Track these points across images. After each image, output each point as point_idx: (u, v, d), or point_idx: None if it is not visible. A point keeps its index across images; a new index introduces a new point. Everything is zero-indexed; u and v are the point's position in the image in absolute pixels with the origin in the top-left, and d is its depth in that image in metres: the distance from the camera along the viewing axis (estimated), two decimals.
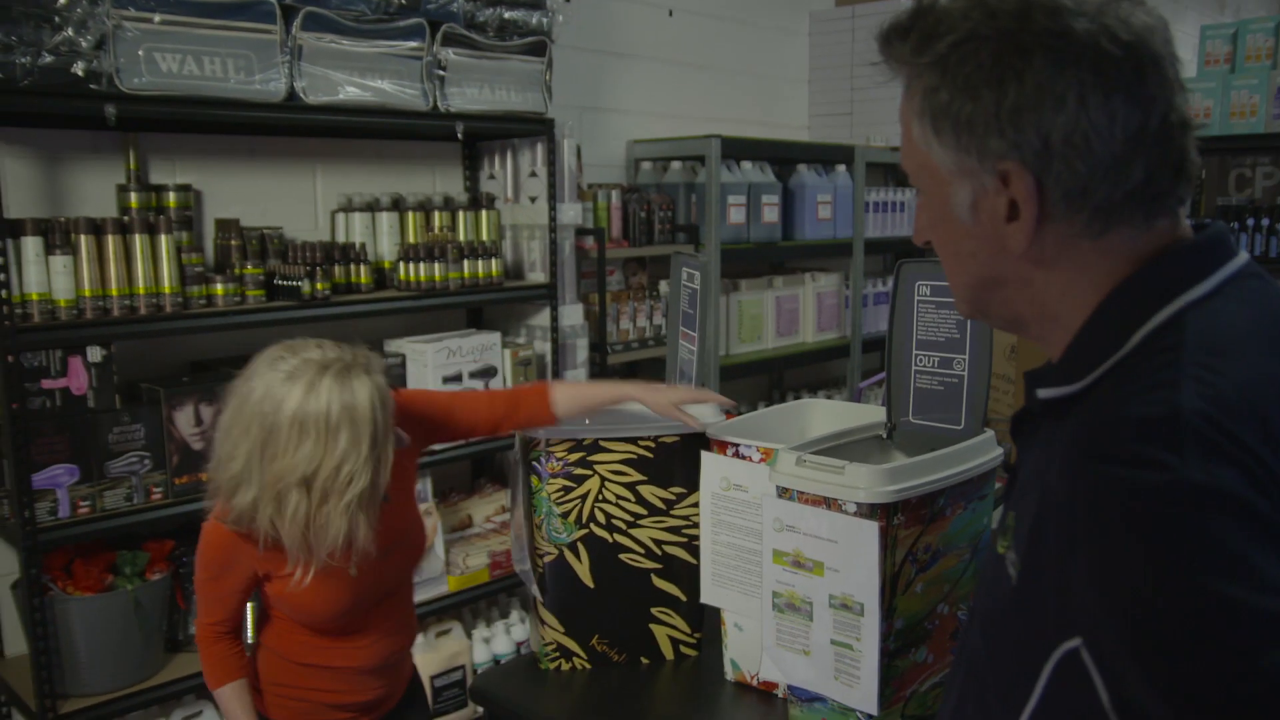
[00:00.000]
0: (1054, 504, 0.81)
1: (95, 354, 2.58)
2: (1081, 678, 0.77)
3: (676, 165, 4.28)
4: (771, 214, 4.46)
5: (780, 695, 2.05)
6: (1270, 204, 4.55)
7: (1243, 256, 0.87)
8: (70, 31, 2.41)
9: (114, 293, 2.57)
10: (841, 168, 4.82)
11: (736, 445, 2.00)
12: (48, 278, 2.49)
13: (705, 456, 2.03)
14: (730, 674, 2.11)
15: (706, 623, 2.23)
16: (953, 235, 0.94)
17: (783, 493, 1.72)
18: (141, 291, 2.61)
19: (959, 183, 0.89)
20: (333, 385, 1.70)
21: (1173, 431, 0.74)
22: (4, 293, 2.39)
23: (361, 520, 1.74)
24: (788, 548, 1.72)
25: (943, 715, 1.03)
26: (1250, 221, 4.42)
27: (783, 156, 4.64)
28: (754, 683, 2.09)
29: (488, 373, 3.38)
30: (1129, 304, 0.86)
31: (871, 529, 1.62)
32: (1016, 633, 0.86)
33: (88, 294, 2.54)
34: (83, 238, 2.53)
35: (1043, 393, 0.90)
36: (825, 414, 2.22)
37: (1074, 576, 0.77)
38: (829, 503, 1.66)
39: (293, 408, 1.68)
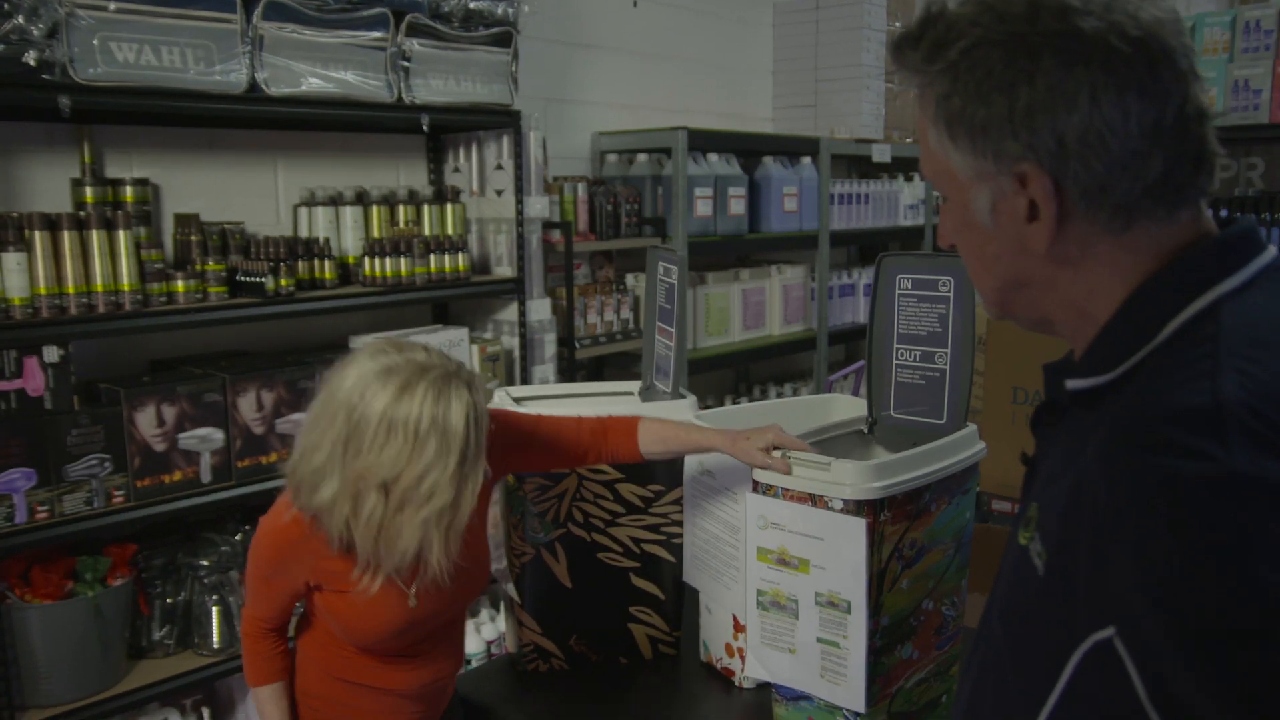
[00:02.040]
0: (1088, 493, 0.79)
1: (52, 354, 2.50)
2: (1113, 669, 0.75)
3: (642, 158, 4.25)
4: (738, 206, 4.43)
5: (737, 684, 2.04)
6: (1229, 196, 4.59)
7: (1272, 250, 0.87)
8: (21, 19, 2.33)
9: (71, 290, 2.50)
10: (807, 160, 4.81)
11: None
12: (0, 276, 2.41)
13: None
14: (702, 654, 2.13)
15: (685, 620, 2.21)
16: (976, 239, 0.94)
17: (766, 489, 1.70)
18: (99, 289, 2.54)
19: (978, 187, 0.90)
20: (429, 390, 1.59)
21: (1217, 422, 0.73)
22: None
23: (436, 539, 1.63)
24: (772, 545, 1.70)
25: (956, 711, 1.01)
26: (1208, 213, 4.46)
27: (749, 149, 4.62)
28: (718, 666, 2.09)
29: None
30: (1160, 296, 0.85)
31: (859, 525, 1.60)
32: (1042, 623, 0.84)
33: (43, 292, 2.46)
34: (37, 234, 2.45)
35: (1072, 384, 0.90)
36: (847, 407, 2.18)
37: (1110, 566, 0.76)
38: (815, 499, 1.64)
39: (383, 405, 1.58)
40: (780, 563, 1.70)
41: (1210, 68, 4.33)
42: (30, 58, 2.35)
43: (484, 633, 3.59)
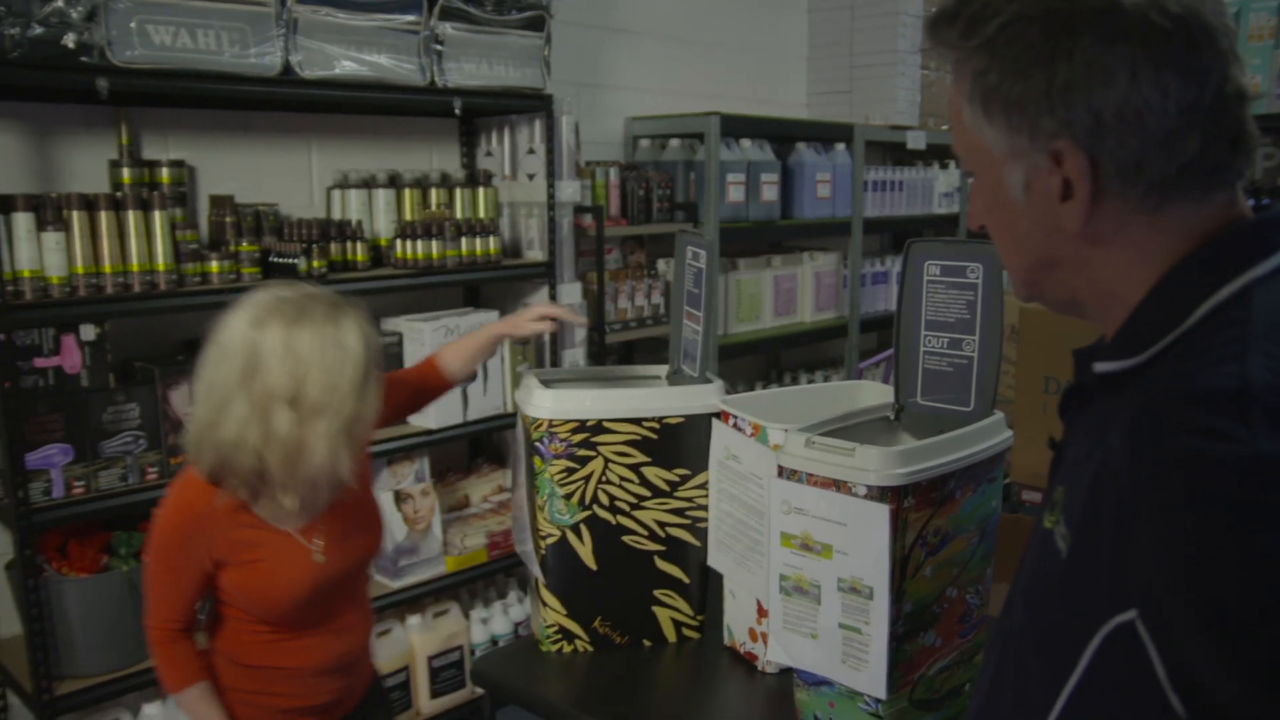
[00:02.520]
0: (1113, 475, 0.79)
1: (89, 332, 2.54)
2: (1134, 651, 0.75)
3: (675, 143, 4.24)
4: (770, 192, 4.42)
5: (760, 668, 2.05)
6: (1271, 185, 4.52)
7: None
8: (60, 3, 2.36)
9: (107, 270, 2.54)
10: (841, 146, 4.78)
11: (735, 417, 1.98)
12: (39, 255, 2.45)
13: (715, 424, 2.05)
14: (725, 638, 2.14)
15: (710, 603, 2.22)
16: (1007, 218, 0.93)
17: (791, 474, 1.70)
18: (135, 269, 2.57)
19: (1011, 164, 0.89)
20: (323, 314, 1.70)
21: (1242, 404, 0.73)
22: None
23: (344, 453, 1.70)
24: (796, 530, 1.70)
25: (977, 695, 1.01)
26: (1251, 203, 4.39)
27: (782, 134, 4.60)
28: (741, 651, 2.09)
29: None
30: (1192, 279, 0.85)
31: (882, 512, 1.59)
32: (1064, 606, 0.84)
33: (80, 271, 2.50)
34: (75, 214, 2.49)
35: (1100, 366, 0.89)
36: (875, 395, 2.18)
37: (1132, 548, 0.76)
38: (838, 485, 1.64)
39: (281, 330, 1.66)
40: (803, 548, 1.70)
41: (1255, 54, 4.26)
42: (69, 40, 2.38)
43: (512, 614, 3.62)
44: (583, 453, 2.06)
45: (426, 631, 3.39)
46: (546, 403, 2.06)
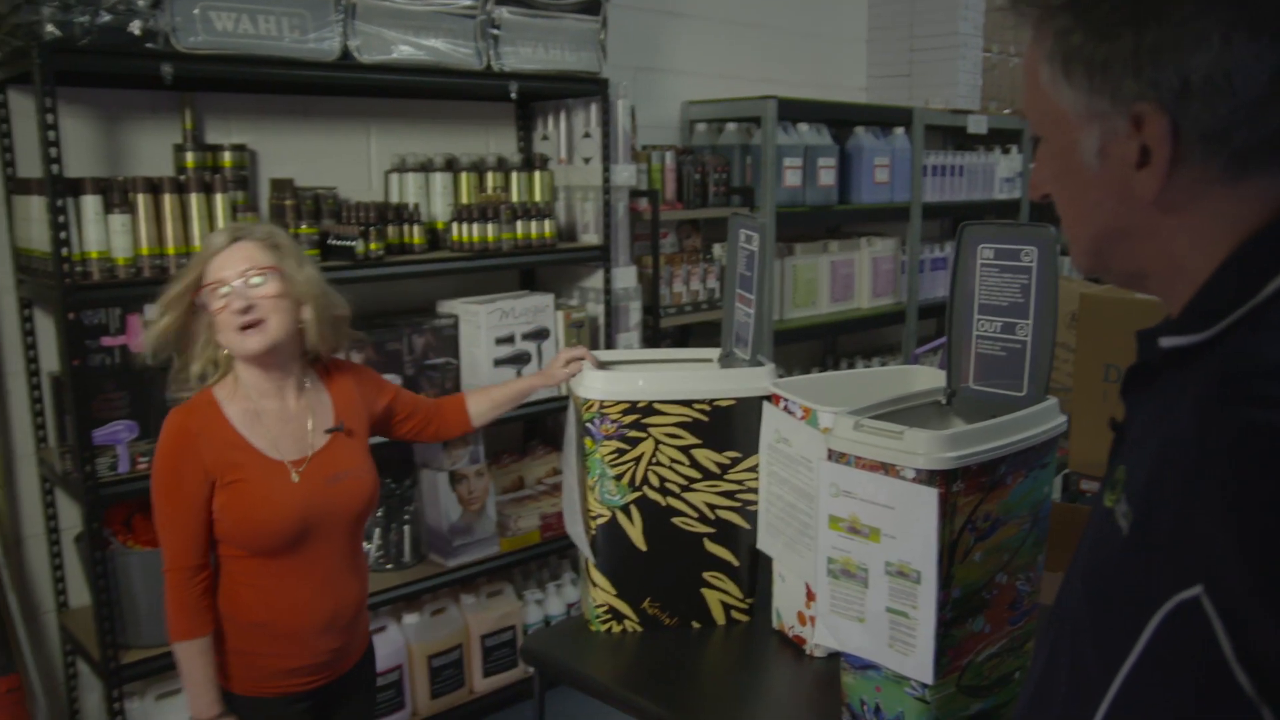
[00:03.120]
0: (1180, 449, 0.78)
1: (153, 312, 2.60)
2: (1198, 628, 0.74)
3: (731, 127, 4.23)
4: (828, 177, 4.39)
5: (808, 652, 2.05)
6: None
7: None
8: None
9: (171, 251, 2.59)
10: (900, 130, 4.73)
11: (786, 400, 1.98)
12: (106, 236, 2.51)
13: (765, 407, 2.04)
14: (774, 621, 2.15)
15: (759, 587, 2.22)
16: (1077, 185, 0.91)
17: (840, 457, 1.69)
18: (199, 250, 2.62)
19: (1088, 128, 0.87)
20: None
21: None
22: (64, 251, 2.41)
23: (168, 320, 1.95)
24: (844, 513, 1.69)
25: (1029, 680, 1.00)
26: None
27: (840, 118, 4.57)
28: (789, 634, 2.09)
29: (540, 335, 3.37)
30: (1265, 252, 0.82)
31: (930, 495, 1.58)
32: (1124, 584, 0.83)
33: (145, 252, 2.56)
34: (140, 197, 2.55)
35: (1166, 341, 0.87)
36: (928, 379, 2.16)
37: (1198, 522, 0.74)
38: (887, 468, 1.63)
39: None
40: (851, 531, 1.69)
41: None
42: (135, 27, 2.44)
43: (565, 595, 3.65)
44: (633, 434, 2.07)
45: (480, 611, 3.43)
46: (598, 384, 2.08)
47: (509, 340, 3.28)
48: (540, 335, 3.37)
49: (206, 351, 1.96)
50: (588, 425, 2.08)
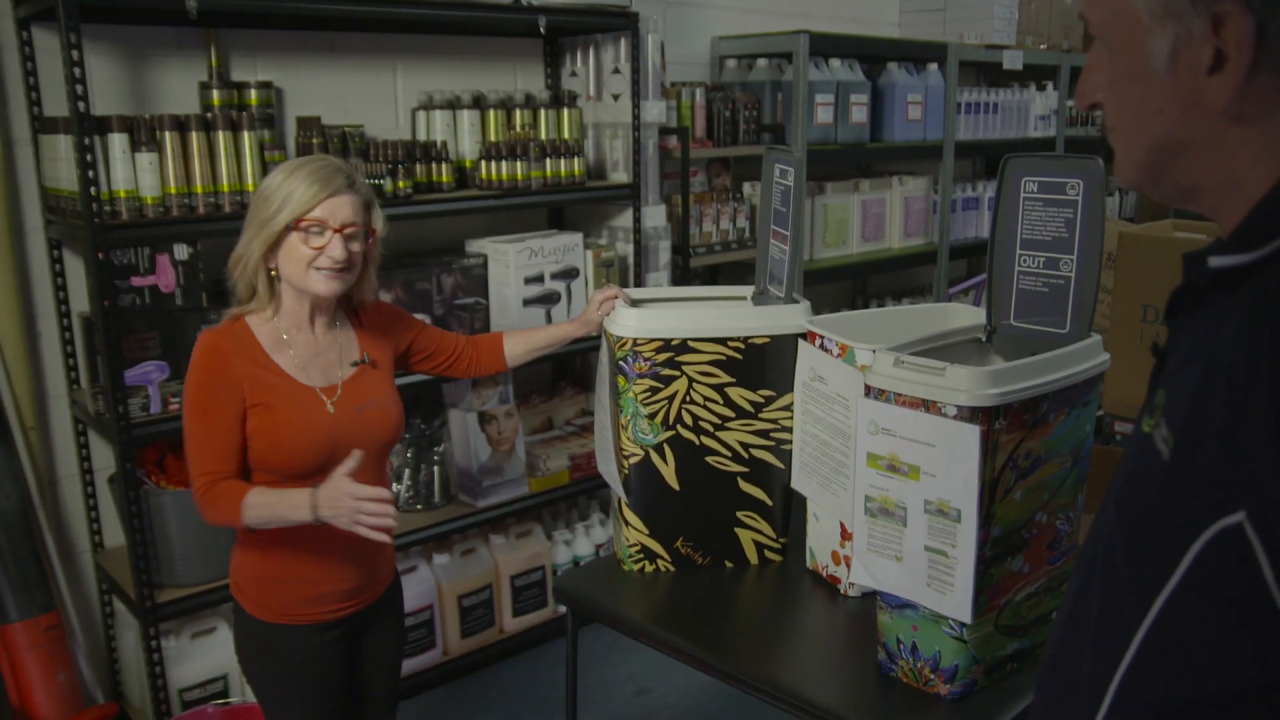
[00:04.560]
0: (1225, 371, 0.75)
1: (182, 251, 2.59)
2: (1240, 555, 0.72)
3: (762, 63, 4.15)
4: (860, 114, 4.31)
5: (842, 591, 2.04)
6: None
7: None
8: None
9: (199, 190, 2.57)
10: (933, 67, 4.63)
11: (822, 337, 1.95)
12: (134, 175, 2.49)
13: (801, 345, 2.02)
14: (808, 561, 2.13)
15: (792, 526, 2.20)
16: (1139, 90, 0.86)
17: (879, 394, 1.66)
18: (226, 189, 2.61)
19: (1160, 28, 0.82)
20: (308, 158, 1.95)
21: None
22: (93, 190, 2.39)
23: (248, 253, 1.92)
24: (883, 451, 1.67)
25: (1064, 609, 0.98)
26: None
27: (872, 54, 4.48)
28: (824, 574, 2.08)
29: (569, 274, 3.34)
30: None
31: (973, 433, 1.55)
32: (1163, 510, 0.81)
33: (173, 191, 2.54)
34: (167, 135, 2.52)
35: (1215, 261, 0.83)
36: (965, 317, 2.13)
37: (1243, 446, 0.72)
38: (928, 405, 1.60)
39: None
40: (890, 469, 1.67)
41: None
42: None
43: (594, 535, 3.66)
44: (667, 372, 2.05)
45: (510, 551, 3.45)
46: (631, 321, 2.05)
47: (538, 280, 3.26)
48: (570, 275, 3.34)
49: (259, 274, 1.94)
50: (620, 364, 2.06)
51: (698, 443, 2.09)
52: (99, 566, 2.92)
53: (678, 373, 2.05)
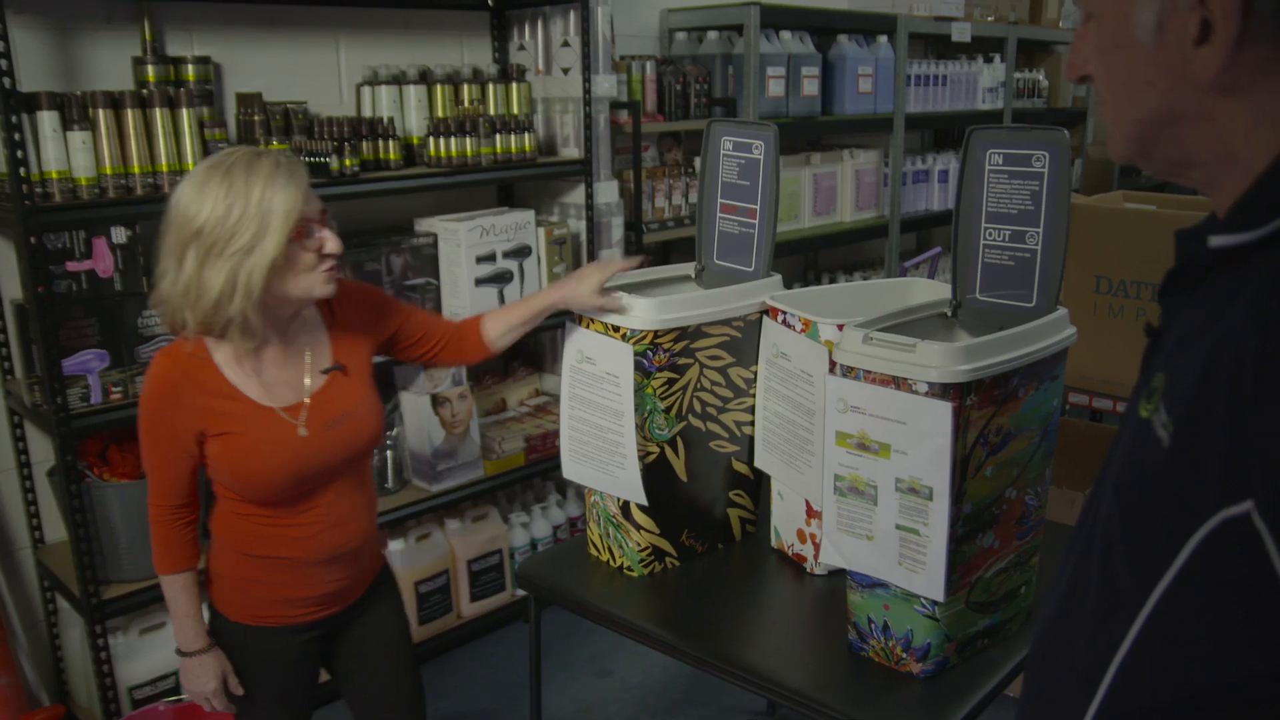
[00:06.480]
0: (1232, 356, 0.72)
1: (120, 235, 2.49)
2: (1247, 545, 0.69)
3: (713, 35, 4.10)
4: (811, 87, 4.28)
5: (809, 570, 2.01)
6: None
7: None
8: None
9: (136, 170, 2.48)
10: (883, 39, 4.61)
11: (784, 313, 1.91)
12: (66, 155, 2.39)
13: (764, 321, 1.98)
14: (773, 540, 2.10)
15: (760, 505, 2.18)
16: (1127, 62, 0.83)
17: (847, 371, 1.63)
18: (165, 169, 2.51)
19: None
20: (234, 163, 1.71)
21: None
22: (22, 170, 2.29)
23: (243, 285, 1.67)
24: (852, 429, 1.64)
25: (1053, 598, 0.96)
26: None
27: (823, 26, 4.44)
28: (789, 553, 2.06)
29: (522, 252, 3.27)
30: None
31: (945, 410, 1.53)
32: (1164, 498, 0.78)
33: (109, 171, 2.44)
34: (101, 112, 2.42)
35: (1216, 240, 0.80)
36: (927, 291, 2.10)
37: (1252, 433, 0.69)
38: (898, 382, 1.57)
39: (191, 184, 1.70)
40: (860, 447, 1.64)
41: None
42: None
43: (551, 517, 3.62)
44: (682, 360, 1.97)
45: (466, 535, 3.39)
46: (650, 313, 1.92)
47: (490, 259, 3.19)
48: (522, 253, 3.27)
49: (247, 306, 1.70)
50: (639, 359, 1.94)
51: (704, 429, 2.04)
52: (40, 563, 2.83)
53: (691, 360, 1.98)
